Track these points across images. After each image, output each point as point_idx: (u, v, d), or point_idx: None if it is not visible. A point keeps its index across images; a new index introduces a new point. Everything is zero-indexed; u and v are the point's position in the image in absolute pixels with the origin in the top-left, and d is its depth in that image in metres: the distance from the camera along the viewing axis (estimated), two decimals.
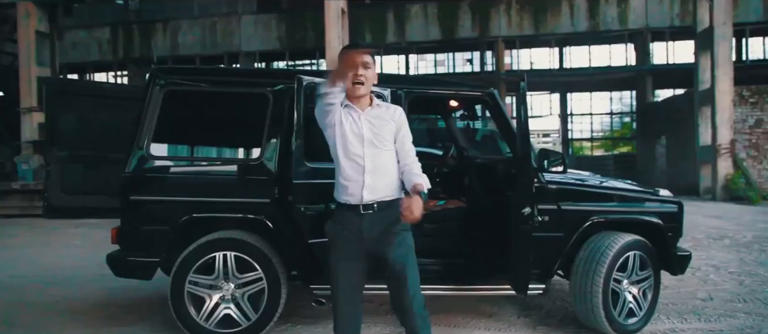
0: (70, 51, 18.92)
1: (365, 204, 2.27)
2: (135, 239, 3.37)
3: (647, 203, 3.79)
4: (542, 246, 3.53)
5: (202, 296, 3.29)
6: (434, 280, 3.51)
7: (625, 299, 3.57)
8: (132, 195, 3.33)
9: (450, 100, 4.21)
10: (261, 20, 18.95)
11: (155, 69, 3.40)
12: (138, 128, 3.32)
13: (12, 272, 5.80)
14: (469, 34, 18.84)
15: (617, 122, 33.93)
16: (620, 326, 3.50)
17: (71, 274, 5.51)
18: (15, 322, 3.96)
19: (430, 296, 4.15)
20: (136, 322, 3.84)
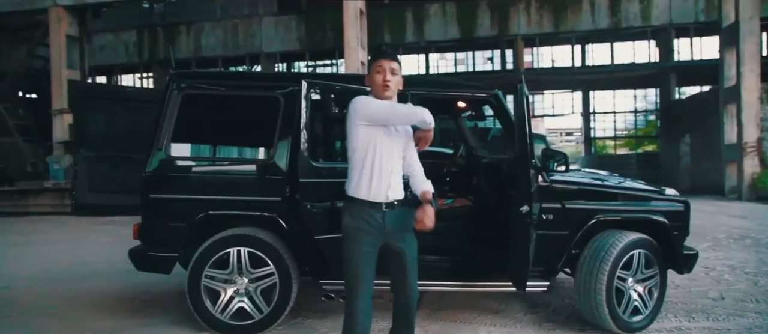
0: (98, 54, 19.51)
1: (387, 202, 2.49)
2: (155, 235, 3.57)
3: (652, 202, 3.81)
4: (546, 244, 3.61)
5: (218, 290, 3.46)
6: (440, 276, 3.62)
7: (630, 297, 3.61)
8: (151, 193, 3.52)
9: (457, 102, 4.30)
10: (281, 21, 19.23)
11: (173, 73, 3.58)
12: (157, 130, 3.50)
13: (43, 266, 6.09)
14: (488, 33, 18.80)
15: (642, 120, 33.35)
16: (624, 324, 3.55)
17: (98, 268, 5.76)
18: (45, 313, 4.20)
19: (436, 293, 4.28)
20: (157, 314, 4.03)
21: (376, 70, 2.51)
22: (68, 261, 6.34)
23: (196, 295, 3.43)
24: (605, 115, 30.96)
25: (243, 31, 19.32)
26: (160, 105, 3.53)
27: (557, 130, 59.58)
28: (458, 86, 4.32)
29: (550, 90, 29.43)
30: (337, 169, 3.31)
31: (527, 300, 4.41)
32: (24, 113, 16.08)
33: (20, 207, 12.19)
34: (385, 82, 2.48)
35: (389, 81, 2.49)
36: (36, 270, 5.88)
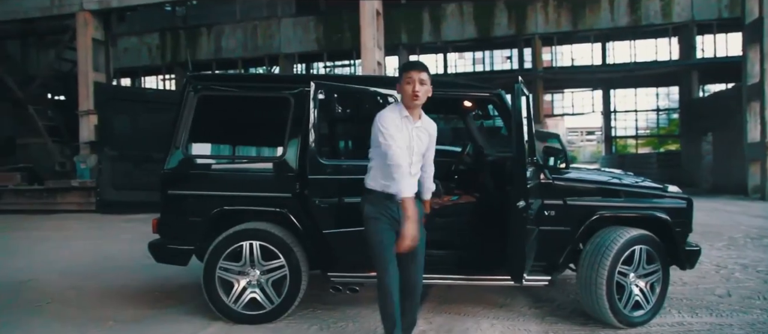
0: (123, 56, 20.06)
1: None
2: (172, 229, 3.77)
3: (654, 199, 3.87)
4: (548, 240, 3.71)
5: (231, 281, 3.64)
6: (444, 270, 3.74)
7: (631, 292, 3.68)
8: (169, 190, 3.72)
9: (461, 101, 4.41)
10: (300, 22, 19.50)
11: (190, 76, 3.78)
12: (175, 129, 3.70)
13: (70, 260, 6.38)
14: (506, 32, 18.78)
15: (665, 119, 32.82)
16: (625, 318, 3.62)
17: (121, 263, 6.01)
18: (71, 303, 4.45)
19: (443, 287, 4.40)
20: (175, 305, 4.24)
21: (406, 80, 2.76)
22: (93, 256, 6.62)
23: (211, 286, 3.62)
24: (626, 113, 30.59)
25: (262, 33, 19.66)
26: (177, 106, 3.73)
27: (578, 129, 58.89)
28: (462, 86, 4.43)
29: (570, 89, 29.22)
30: (343, 166, 3.45)
31: (533, 295, 4.50)
32: (53, 115, 16.64)
33: (49, 205, 12.65)
34: (415, 92, 2.74)
35: (418, 92, 2.74)
36: (63, 264, 6.17)
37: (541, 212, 3.71)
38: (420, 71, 2.77)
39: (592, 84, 27.04)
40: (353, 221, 3.26)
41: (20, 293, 4.82)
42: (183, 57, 20.07)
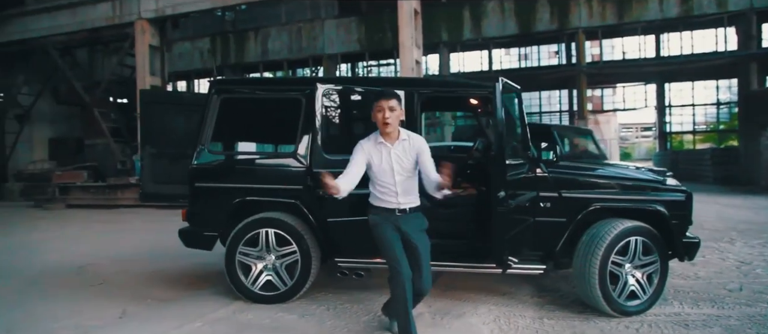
0: (177, 61, 21.24)
1: (400, 209, 3.14)
2: (199, 217, 4.22)
3: (651, 192, 3.96)
4: (544, 230, 3.90)
5: (250, 265, 4.05)
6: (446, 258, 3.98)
7: (626, 282, 3.80)
8: (197, 182, 4.17)
9: (462, 99, 4.63)
10: (342, 24, 19.97)
11: (213, 81, 4.21)
12: (201, 129, 4.14)
13: (123, 248, 7.06)
14: (548, 27, 18.47)
15: (725, 113, 31.13)
16: (619, 306, 3.75)
17: (167, 252, 6.59)
18: (118, 284, 5.01)
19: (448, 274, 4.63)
20: (205, 287, 4.70)
21: (377, 109, 3.05)
22: (143, 244, 7.27)
23: (232, 268, 4.04)
24: (683, 108, 29.24)
25: (306, 35, 20.28)
26: (203, 108, 4.17)
27: (633, 125, 56.58)
28: (460, 85, 4.64)
29: (621, 83, 28.28)
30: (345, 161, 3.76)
31: (538, 285, 4.67)
32: (115, 117, 17.89)
33: (111, 200, 13.70)
34: (385, 120, 3.03)
35: (388, 118, 3.02)
36: (117, 251, 6.85)
37: (536, 203, 3.89)
38: (389, 99, 3.05)
39: (644, 78, 26.04)
40: (354, 211, 3.59)
41: (79, 275, 5.46)
42: (232, 59, 21.03)
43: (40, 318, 3.98)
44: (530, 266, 3.87)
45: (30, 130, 19.41)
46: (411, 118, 3.88)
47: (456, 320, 3.72)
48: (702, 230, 7.80)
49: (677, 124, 29.84)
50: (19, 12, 17.63)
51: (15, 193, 16.44)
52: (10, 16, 17.71)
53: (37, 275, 5.51)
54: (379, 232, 3.14)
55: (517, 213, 3.64)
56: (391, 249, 3.09)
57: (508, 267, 3.62)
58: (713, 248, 6.41)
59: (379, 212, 3.16)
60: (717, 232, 7.61)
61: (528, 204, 3.83)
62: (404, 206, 3.14)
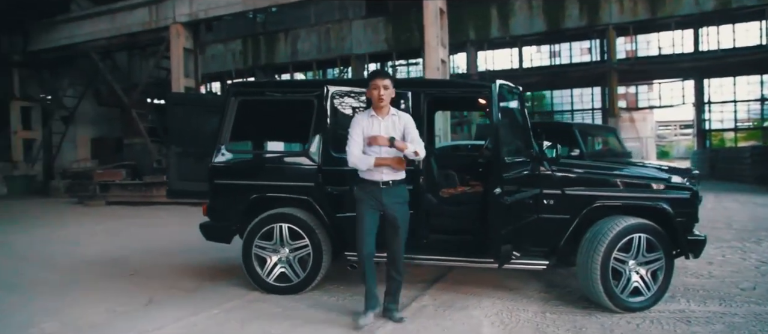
0: (210, 63, 21.91)
1: (383, 181, 3.47)
2: (218, 212, 4.48)
3: (655, 190, 3.99)
4: (547, 227, 3.98)
5: (265, 257, 4.28)
6: (452, 252, 4.13)
7: (630, 279, 3.85)
8: (216, 180, 4.43)
9: (465, 99, 4.75)
10: (369, 24, 20.20)
11: (231, 85, 4.47)
12: (220, 130, 4.40)
13: (155, 242, 7.46)
14: (577, 24, 18.21)
15: None
16: (621, 302, 3.80)
17: (195, 246, 6.90)
18: (148, 275, 5.34)
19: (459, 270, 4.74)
20: (227, 279, 4.96)
21: (372, 87, 3.45)
22: (173, 239, 7.66)
23: (248, 261, 4.28)
24: (724, 104, 28.22)
25: (334, 35, 20.61)
26: (222, 110, 4.43)
27: (671, 122, 54.80)
28: (457, 85, 4.77)
29: (657, 79, 27.52)
30: None
31: (547, 281, 4.74)
32: (152, 117, 18.63)
33: (147, 197, 14.29)
34: (380, 96, 3.43)
35: (383, 95, 3.43)
36: (149, 244, 7.24)
37: (540, 200, 3.98)
38: (383, 79, 3.46)
39: (681, 74, 25.26)
40: None
41: (113, 266, 5.83)
42: (263, 61, 21.56)
43: (77, 304, 4.31)
44: (533, 261, 3.97)
45: (74, 131, 20.39)
46: (417, 115, 4.04)
47: (458, 312, 3.86)
48: (730, 229, 7.66)
49: (717, 121, 28.81)
50: (65, 19, 18.57)
51: (60, 190, 17.33)
52: (56, 23, 18.68)
53: (78, 266, 5.91)
54: (359, 209, 3.53)
55: (517, 210, 3.75)
56: (361, 228, 3.50)
57: (505, 262, 3.73)
58: (737, 247, 6.31)
59: (365, 186, 3.50)
60: (745, 232, 7.46)
61: (531, 201, 3.92)
62: (387, 178, 3.46)
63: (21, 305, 4.35)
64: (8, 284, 5.14)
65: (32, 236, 8.53)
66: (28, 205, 14.49)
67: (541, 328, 3.58)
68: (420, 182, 4.07)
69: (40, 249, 7.14)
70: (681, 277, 4.88)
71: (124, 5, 17.38)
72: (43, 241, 7.91)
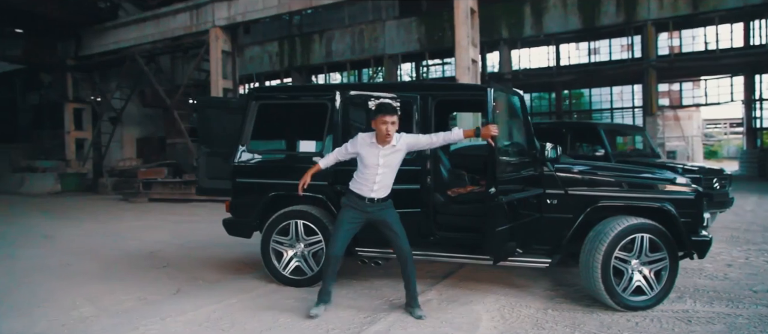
0: (248, 64, 22.63)
1: (369, 198, 3.72)
2: (239, 209, 4.79)
3: (659, 190, 4.03)
4: (550, 226, 4.09)
5: (282, 252, 4.56)
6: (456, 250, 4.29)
7: (632, 278, 3.91)
8: (238, 178, 4.74)
9: (460, 101, 4.88)
10: (402, 24, 20.38)
11: (252, 89, 4.78)
12: (241, 131, 4.70)
13: (189, 236, 7.90)
14: (614, 21, 17.83)
15: None
16: (622, 300, 3.87)
17: (224, 241, 7.25)
18: (179, 267, 5.73)
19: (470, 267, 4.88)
20: (249, 272, 5.28)
21: (381, 121, 3.58)
22: (206, 235, 8.08)
23: (266, 255, 4.57)
24: None
25: (368, 36, 20.90)
26: (243, 112, 4.73)
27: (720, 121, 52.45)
28: (459, 88, 4.89)
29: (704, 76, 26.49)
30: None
31: (556, 280, 4.83)
32: (193, 118, 19.44)
33: (187, 194, 14.97)
34: (387, 131, 3.59)
35: (390, 131, 3.59)
36: (184, 239, 7.69)
37: (543, 200, 4.09)
38: (392, 115, 3.60)
39: (729, 70, 24.25)
40: None
41: (149, 259, 6.26)
42: (298, 61, 22.08)
43: (114, 292, 4.71)
44: (536, 259, 4.08)
45: (121, 131, 21.48)
46: (425, 117, 4.23)
47: (460, 306, 4.02)
48: (765, 232, 7.46)
49: None
50: (113, 25, 19.63)
51: (108, 187, 18.33)
52: (106, 29, 19.75)
53: (118, 258, 6.38)
54: (341, 214, 3.81)
55: (518, 208, 3.87)
56: (336, 231, 3.79)
57: (501, 259, 3.86)
58: (765, 250, 6.19)
59: (352, 197, 3.75)
60: None
61: (533, 200, 4.04)
62: (374, 196, 3.70)
63: (65, 291, 4.78)
64: (56, 272, 5.62)
65: (80, 229, 9.17)
66: (78, 201, 15.44)
67: (540, 323, 3.70)
68: (427, 181, 4.25)
69: (85, 242, 7.70)
70: (694, 278, 4.88)
71: (167, 10, 18.21)
72: (88, 234, 8.50)
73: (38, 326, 3.79)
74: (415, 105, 4.30)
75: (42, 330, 3.70)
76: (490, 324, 3.66)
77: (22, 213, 12.12)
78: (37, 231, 8.98)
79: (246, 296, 4.36)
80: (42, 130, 24.92)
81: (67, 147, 21.17)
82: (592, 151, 8.10)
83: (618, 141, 9.29)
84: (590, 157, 7.62)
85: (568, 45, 22.42)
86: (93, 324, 3.77)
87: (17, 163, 22.18)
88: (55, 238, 8.20)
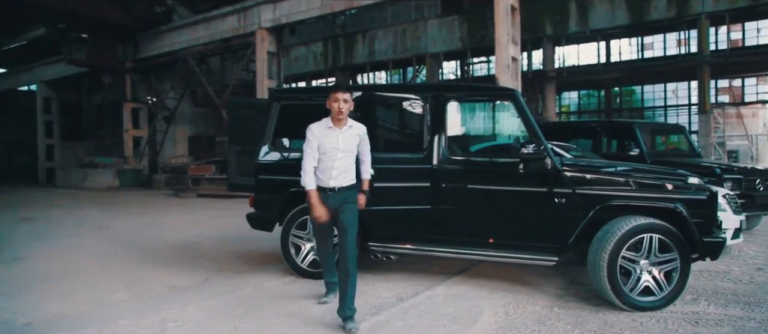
0: (293, 64, 23.25)
1: (330, 188, 3.65)
2: (262, 204, 5.06)
3: (669, 191, 3.98)
4: (558, 224, 4.12)
5: (300, 245, 4.80)
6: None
7: (640, 278, 3.89)
8: (260, 175, 5.01)
9: (482, 101, 4.93)
10: (445, 22, 20.35)
11: (273, 90, 5.02)
12: (264, 130, 4.97)
13: (227, 230, 8.33)
14: (664, 15, 17.10)
15: None
16: (629, 300, 3.85)
17: (257, 235, 7.57)
18: (211, 258, 6.10)
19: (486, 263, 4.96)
20: (273, 263, 5.57)
21: (333, 99, 3.60)
22: (241, 229, 8.36)
23: (285, 248, 4.82)
24: None
25: (410, 35, 21.00)
26: (266, 113, 5.00)
27: None
28: (483, 89, 4.92)
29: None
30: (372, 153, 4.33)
31: (569, 278, 4.83)
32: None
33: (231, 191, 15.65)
34: (339, 110, 3.58)
35: (342, 109, 3.58)
36: (221, 233, 8.12)
37: (551, 199, 4.12)
38: (344, 93, 3.59)
39: None
40: (380, 201, 4.18)
41: (186, 250, 6.69)
42: (342, 61, 22.49)
43: (148, 279, 5.11)
44: (543, 257, 4.13)
45: (174, 129, 22.61)
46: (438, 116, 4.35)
47: (466, 301, 4.12)
48: None
49: None
50: (167, 28, 20.71)
51: (161, 183, 19.37)
52: (161, 33, 20.87)
53: (158, 248, 6.85)
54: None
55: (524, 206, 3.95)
56: (315, 234, 4.05)
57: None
58: None
59: (320, 192, 3.67)
60: None
61: (540, 198, 4.09)
62: (334, 185, 3.62)
63: (107, 276, 5.23)
64: (104, 259, 6.13)
65: (130, 222, 9.83)
66: (133, 196, 16.43)
67: (543, 320, 3.75)
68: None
69: (132, 233, 8.27)
70: (717, 281, 4.76)
71: (216, 14, 19.03)
72: (136, 226, 9.11)
73: (79, 308, 4.19)
74: (426, 105, 4.42)
75: (81, 312, 4.10)
76: (492, 319, 3.74)
77: (82, 206, 13.07)
78: (92, 223, 9.71)
79: (265, 286, 4.64)
80: (103, 128, 26.58)
81: (125, 145, 22.52)
82: (627, 151, 7.93)
83: (657, 140, 9.03)
84: (624, 157, 7.46)
85: (619, 41, 21.71)
86: (124, 308, 4.14)
87: (81, 160, 23.80)
88: (107, 229, 8.85)
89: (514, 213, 4.31)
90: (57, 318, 3.95)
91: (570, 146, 6.77)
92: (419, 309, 3.93)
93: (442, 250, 4.41)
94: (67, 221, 10.12)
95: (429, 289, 4.44)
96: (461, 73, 23.36)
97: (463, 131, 4.72)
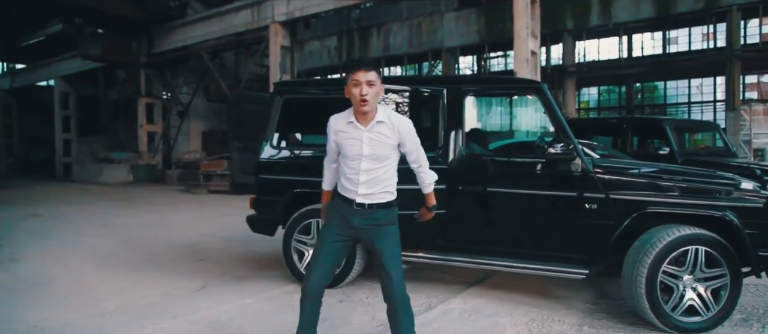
0: (307, 59, 22.91)
1: (358, 203, 2.56)
2: (263, 206, 4.70)
3: (718, 197, 3.51)
4: (589, 233, 3.68)
5: (303, 251, 4.42)
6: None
7: (684, 295, 3.44)
8: (261, 174, 4.64)
9: (504, 95, 4.49)
10: (461, 16, 19.81)
11: (277, 84, 4.64)
12: (266, 126, 4.60)
13: (232, 230, 7.99)
14: (692, 7, 16.38)
15: None
16: (671, 321, 3.40)
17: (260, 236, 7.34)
18: (213, 261, 5.77)
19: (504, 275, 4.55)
20: (276, 268, 5.19)
21: (352, 83, 2.50)
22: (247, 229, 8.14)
23: (288, 253, 4.46)
24: None
25: (426, 29, 20.51)
26: (267, 107, 4.62)
27: None
28: (505, 82, 4.49)
29: None
30: None
31: (599, 291, 4.39)
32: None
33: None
34: (362, 97, 2.46)
35: (366, 95, 2.45)
36: (227, 233, 7.78)
37: (581, 204, 3.69)
38: (367, 71, 2.47)
39: None
40: None
41: (188, 252, 6.38)
42: (356, 55, 22.08)
43: (142, 285, 4.77)
44: (572, 269, 3.69)
45: (187, 124, 22.45)
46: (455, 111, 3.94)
47: (484, 318, 3.70)
48: None
49: None
50: (181, 23, 20.53)
51: (173, 178, 19.22)
52: (175, 27, 20.70)
53: (161, 249, 6.55)
54: (322, 229, 2.74)
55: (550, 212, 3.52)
56: (316, 253, 2.68)
57: None
58: None
59: (338, 201, 2.66)
60: None
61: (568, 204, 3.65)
62: (363, 200, 2.55)
63: (99, 282, 4.91)
64: (103, 262, 5.83)
65: (137, 219, 9.58)
66: (146, 191, 16.28)
67: None
68: None
69: (137, 232, 7.99)
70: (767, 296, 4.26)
71: (230, 8, 18.78)
72: (143, 224, 8.84)
73: (64, 318, 3.87)
74: (442, 99, 4.01)
75: (66, 321, 3.78)
76: None
77: (92, 202, 12.89)
78: (99, 220, 9.46)
79: (263, 297, 4.27)
80: (118, 123, 26.59)
81: (139, 140, 22.44)
82: (656, 150, 7.40)
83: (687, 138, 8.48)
84: (653, 156, 6.95)
85: (642, 35, 20.95)
86: (109, 320, 3.80)
87: (97, 155, 23.81)
88: (113, 227, 8.59)
89: (538, 219, 3.88)
90: (38, 330, 3.63)
91: (594, 144, 6.31)
92: (433, 327, 3.52)
93: (458, 259, 4.00)
94: (75, 217, 9.91)
95: (443, 302, 4.03)
96: (478, 68, 22.81)
97: (483, 128, 4.29)
